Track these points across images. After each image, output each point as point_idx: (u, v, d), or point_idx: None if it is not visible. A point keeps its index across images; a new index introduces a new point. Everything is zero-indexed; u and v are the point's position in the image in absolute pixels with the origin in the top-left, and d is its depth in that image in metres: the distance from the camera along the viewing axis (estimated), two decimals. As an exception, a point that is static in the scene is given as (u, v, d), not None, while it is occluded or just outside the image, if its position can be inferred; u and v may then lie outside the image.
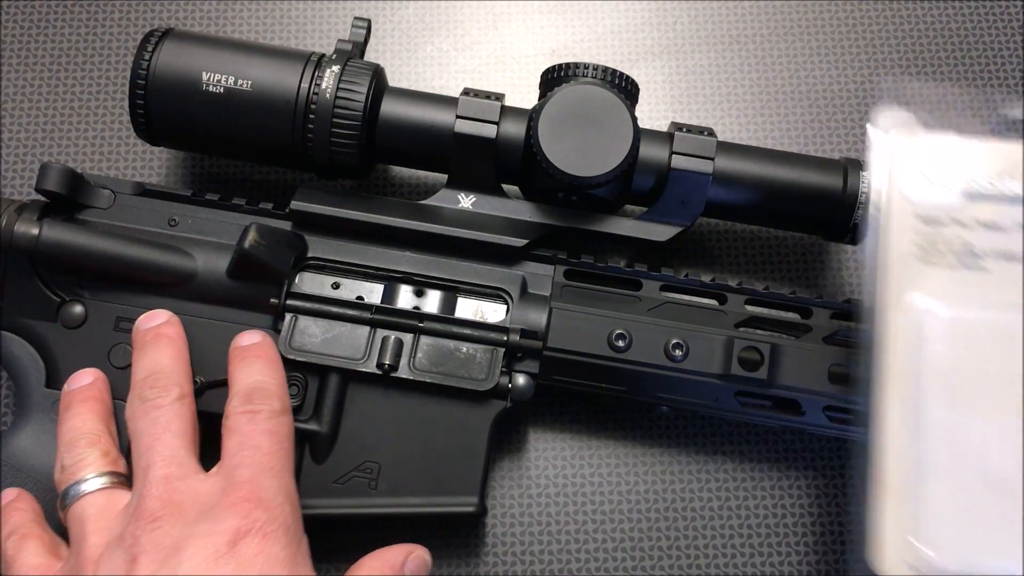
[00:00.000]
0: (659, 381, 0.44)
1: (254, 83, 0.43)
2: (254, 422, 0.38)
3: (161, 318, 0.43)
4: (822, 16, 0.57)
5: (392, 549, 0.42)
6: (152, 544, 0.34)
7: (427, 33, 0.56)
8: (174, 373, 0.40)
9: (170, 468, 0.37)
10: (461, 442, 0.43)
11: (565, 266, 0.46)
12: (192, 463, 0.38)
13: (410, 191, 0.53)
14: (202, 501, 0.36)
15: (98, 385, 0.42)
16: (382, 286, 0.45)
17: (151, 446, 0.38)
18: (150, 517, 0.35)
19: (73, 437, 0.40)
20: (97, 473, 0.39)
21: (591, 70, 0.44)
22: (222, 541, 0.34)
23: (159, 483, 0.36)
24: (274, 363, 0.41)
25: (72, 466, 0.39)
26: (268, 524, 0.35)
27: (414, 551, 0.42)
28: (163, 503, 0.36)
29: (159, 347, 0.41)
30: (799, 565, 0.47)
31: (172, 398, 0.39)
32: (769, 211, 0.46)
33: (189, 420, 0.39)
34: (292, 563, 0.36)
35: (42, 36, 0.55)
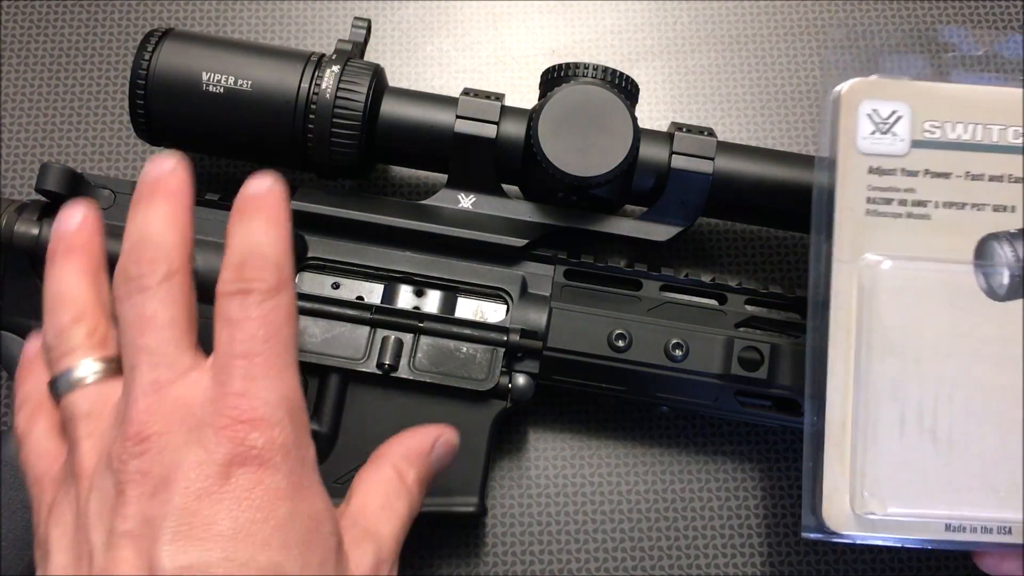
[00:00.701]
0: (659, 381, 0.44)
1: (254, 83, 0.43)
2: (245, 307, 0.32)
3: (166, 164, 0.35)
4: (822, 16, 0.57)
5: (417, 432, 0.38)
6: (139, 472, 0.31)
7: (427, 33, 0.56)
8: (164, 242, 0.34)
9: (158, 371, 0.32)
10: (461, 442, 0.43)
11: (565, 266, 0.46)
12: (184, 358, 0.33)
13: (410, 191, 0.53)
14: (192, 413, 0.32)
15: (87, 230, 0.36)
16: (382, 286, 0.45)
17: (135, 341, 0.33)
18: (136, 436, 0.31)
19: (56, 304, 0.35)
20: (89, 360, 0.34)
21: (591, 70, 0.44)
22: (214, 473, 0.31)
23: (146, 391, 0.32)
24: (277, 220, 0.34)
25: (57, 347, 0.35)
26: (265, 449, 0.31)
27: (442, 434, 0.39)
28: (149, 419, 0.31)
29: (152, 207, 0.34)
30: (799, 565, 0.47)
31: (159, 277, 0.33)
32: (769, 211, 0.46)
33: (181, 303, 0.33)
34: (295, 491, 0.32)
35: (42, 36, 0.55)
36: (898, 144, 0.41)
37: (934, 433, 0.39)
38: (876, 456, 0.39)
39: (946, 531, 0.39)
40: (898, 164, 0.40)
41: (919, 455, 0.39)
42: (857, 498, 0.39)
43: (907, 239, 0.40)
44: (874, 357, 0.40)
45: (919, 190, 0.40)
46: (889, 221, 0.40)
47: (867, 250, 0.40)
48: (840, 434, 0.39)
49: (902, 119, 0.41)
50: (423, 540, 0.47)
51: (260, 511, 0.31)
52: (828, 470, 0.39)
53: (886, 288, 0.40)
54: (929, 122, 0.41)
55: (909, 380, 0.39)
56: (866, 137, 0.40)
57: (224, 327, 0.33)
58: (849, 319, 0.40)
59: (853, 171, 0.40)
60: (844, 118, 0.41)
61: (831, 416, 0.39)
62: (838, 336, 0.40)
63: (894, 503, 0.39)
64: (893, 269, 0.40)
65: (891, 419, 0.39)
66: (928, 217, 0.40)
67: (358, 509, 0.36)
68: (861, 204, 0.40)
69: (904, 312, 0.40)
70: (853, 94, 0.41)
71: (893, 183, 0.40)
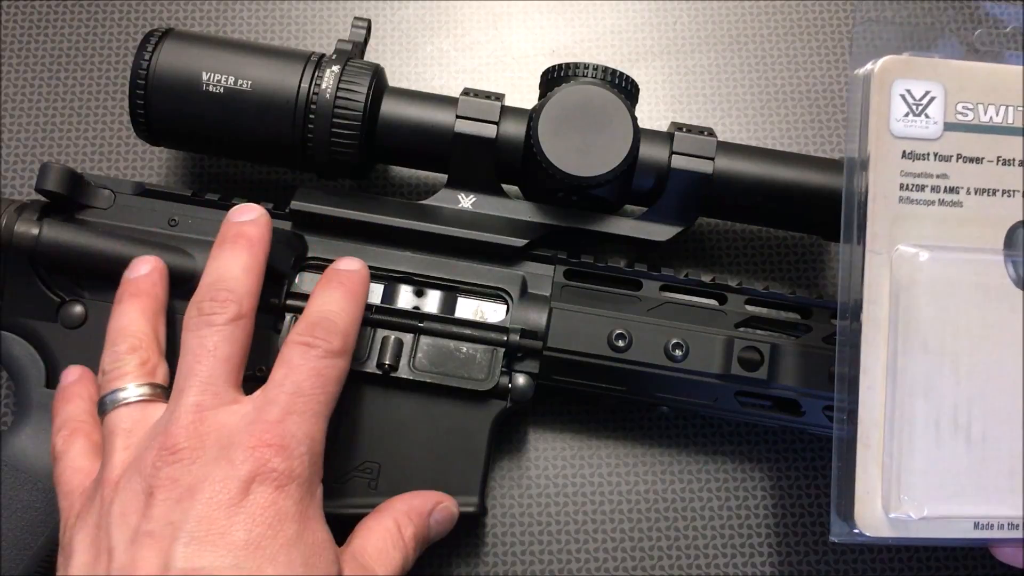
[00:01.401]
0: (659, 381, 0.44)
1: (254, 83, 0.43)
2: (305, 356, 0.37)
3: (251, 214, 0.40)
4: (822, 16, 0.57)
5: (420, 495, 0.42)
6: (170, 479, 0.34)
7: (427, 33, 0.56)
8: (239, 287, 0.38)
9: (204, 396, 0.36)
10: (461, 442, 0.43)
11: (565, 266, 0.46)
12: (229, 392, 0.37)
13: (410, 191, 0.53)
14: (227, 435, 0.35)
15: (153, 277, 0.41)
16: (382, 286, 0.45)
17: (192, 367, 0.37)
18: (172, 448, 0.35)
19: (115, 337, 0.39)
20: (135, 384, 0.38)
21: (591, 70, 0.44)
22: (235, 487, 0.34)
23: (189, 411, 0.36)
24: (355, 297, 0.40)
25: (111, 372, 0.38)
26: (284, 475, 0.35)
27: (443, 501, 0.42)
28: (188, 435, 0.35)
29: (236, 251, 0.39)
30: (799, 565, 0.47)
31: (227, 317, 0.37)
32: (769, 211, 0.46)
33: (239, 344, 0.38)
34: (301, 517, 0.35)
35: (42, 36, 0.55)
36: (931, 127, 0.39)
37: (968, 432, 0.38)
38: (912, 458, 0.38)
39: (974, 529, 0.38)
40: (931, 148, 0.39)
41: (952, 455, 0.38)
42: (892, 501, 0.37)
43: (939, 228, 0.38)
44: (909, 354, 0.38)
45: (952, 176, 0.39)
46: (922, 209, 0.38)
47: (901, 241, 0.38)
48: (874, 435, 0.38)
49: (935, 100, 0.39)
50: (423, 540, 0.47)
51: (271, 528, 0.34)
52: (861, 473, 0.37)
53: (923, 280, 0.38)
54: (962, 103, 0.39)
55: (943, 377, 0.38)
56: (899, 119, 0.39)
57: (281, 367, 0.37)
58: (883, 314, 0.38)
59: (886, 156, 0.38)
60: (876, 99, 0.38)
61: (864, 417, 0.38)
62: (871, 333, 0.38)
63: (929, 505, 0.38)
64: (931, 260, 0.38)
65: (926, 419, 0.38)
66: (960, 204, 0.39)
67: (358, 549, 0.39)
68: (894, 191, 0.38)
69: (937, 305, 0.38)
70: (886, 72, 0.39)
71: (926, 168, 0.38)
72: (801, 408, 0.45)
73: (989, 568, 0.47)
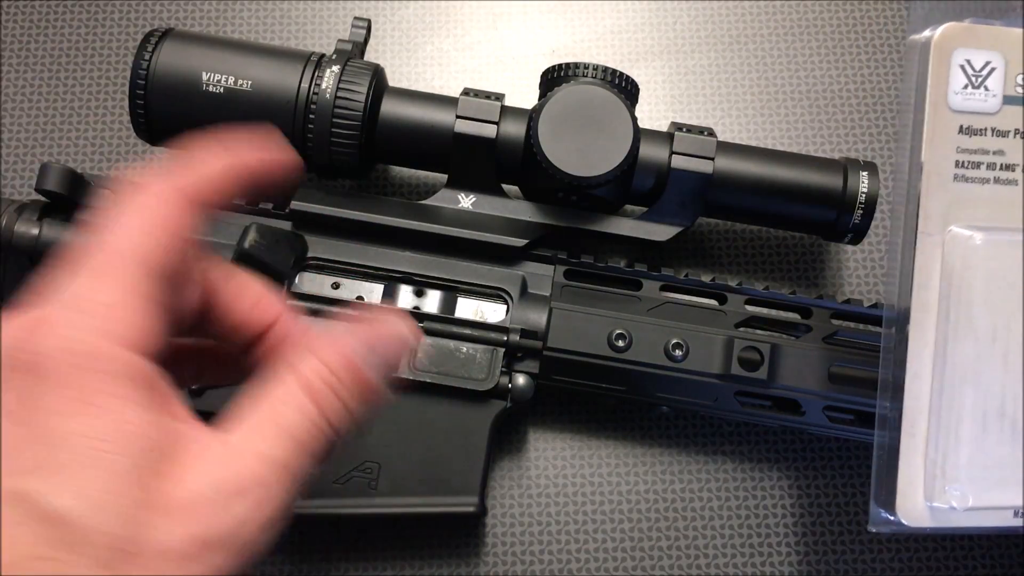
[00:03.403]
0: (659, 381, 0.44)
1: (254, 83, 0.43)
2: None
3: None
4: (822, 16, 0.57)
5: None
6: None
7: (427, 33, 0.56)
8: None
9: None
10: (461, 442, 0.43)
11: (565, 266, 0.46)
12: None
13: (410, 191, 0.53)
14: None
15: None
16: (382, 286, 0.45)
17: None
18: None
19: None
20: None
21: (591, 70, 0.44)
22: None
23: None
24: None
25: None
26: None
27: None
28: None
29: None
30: (799, 565, 0.47)
31: None
32: (769, 211, 0.46)
33: None
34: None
35: (42, 36, 0.55)
36: (990, 100, 0.37)
37: (1015, 422, 0.36)
38: (958, 447, 0.36)
39: (1014, 517, 0.37)
40: (989, 123, 0.36)
41: (998, 445, 0.36)
42: (937, 491, 0.36)
43: (992, 208, 0.36)
44: (959, 340, 0.36)
45: (1008, 152, 0.36)
46: (977, 188, 0.36)
47: (954, 222, 0.36)
48: (919, 424, 0.36)
49: (995, 71, 0.36)
50: (423, 540, 0.47)
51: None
52: (904, 462, 0.36)
53: (976, 264, 0.36)
54: (1022, 75, 0.37)
55: (992, 365, 0.36)
56: (958, 92, 0.36)
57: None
58: (933, 299, 0.36)
59: (943, 131, 0.36)
60: (935, 69, 0.36)
61: (910, 405, 0.36)
62: (920, 318, 0.36)
63: (974, 495, 0.36)
64: (985, 243, 0.36)
65: (974, 408, 0.36)
66: (1016, 183, 0.37)
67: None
68: (949, 169, 0.36)
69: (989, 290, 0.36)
70: (946, 40, 0.36)
71: (983, 144, 0.36)
72: (801, 408, 0.45)
73: (988, 569, 0.47)
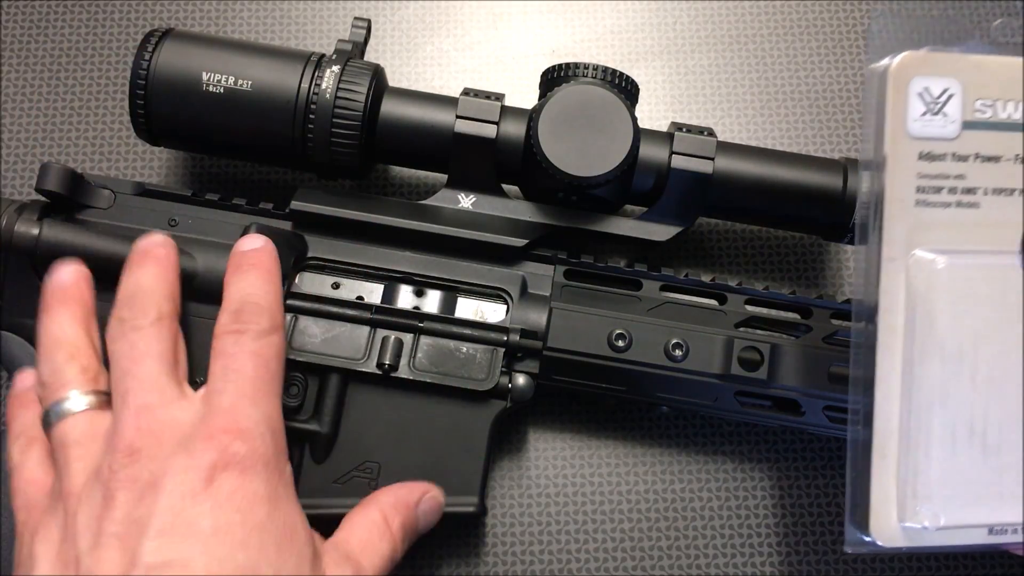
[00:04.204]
0: (659, 381, 0.44)
1: (254, 83, 0.43)
2: (239, 343, 0.36)
3: (154, 239, 0.40)
4: (822, 16, 0.57)
5: (406, 486, 0.41)
6: (129, 479, 0.33)
7: (427, 33, 0.56)
8: (154, 293, 0.38)
9: (149, 396, 0.35)
10: (461, 442, 0.43)
11: (565, 266, 0.46)
12: (172, 389, 0.36)
13: (410, 191, 0.53)
14: (181, 431, 0.35)
15: (80, 285, 0.40)
16: (382, 286, 0.45)
17: (128, 370, 0.36)
18: (127, 449, 0.34)
19: (51, 346, 0.38)
20: (79, 392, 0.37)
21: (591, 70, 0.44)
22: (199, 477, 0.33)
23: (136, 412, 0.35)
24: (270, 274, 0.39)
25: (52, 383, 0.37)
26: (247, 458, 0.34)
27: (430, 491, 0.41)
28: (140, 434, 0.34)
29: (144, 267, 0.39)
30: (799, 565, 0.47)
31: (150, 320, 0.37)
32: (769, 211, 0.46)
33: (169, 342, 0.37)
34: (273, 498, 0.34)
35: (42, 36, 0.55)
36: (949, 126, 0.37)
37: (984, 439, 0.37)
38: (928, 467, 0.37)
39: (989, 535, 0.37)
40: (949, 148, 0.37)
41: (969, 463, 0.37)
42: (908, 511, 0.36)
43: (955, 231, 0.37)
44: (926, 362, 0.37)
45: (969, 176, 0.37)
46: (939, 212, 0.37)
47: (917, 246, 0.37)
48: (889, 445, 0.37)
49: (953, 98, 0.37)
50: (423, 540, 0.47)
51: (239, 513, 0.33)
52: (877, 483, 0.36)
53: (940, 287, 0.37)
54: (980, 100, 0.37)
55: (960, 384, 0.37)
56: (917, 119, 0.37)
57: (219, 359, 0.36)
58: (899, 322, 0.37)
59: (903, 158, 0.37)
60: (893, 97, 0.37)
61: (880, 426, 0.36)
62: (887, 340, 0.37)
63: (946, 514, 0.37)
64: (948, 267, 0.37)
65: (943, 428, 0.37)
66: (977, 206, 0.37)
67: (342, 539, 0.38)
68: (911, 195, 0.37)
69: (954, 311, 0.37)
70: (904, 69, 0.37)
71: (943, 169, 0.37)
72: (801, 408, 0.45)
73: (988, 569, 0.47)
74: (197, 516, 0.33)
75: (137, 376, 0.36)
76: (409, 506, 0.40)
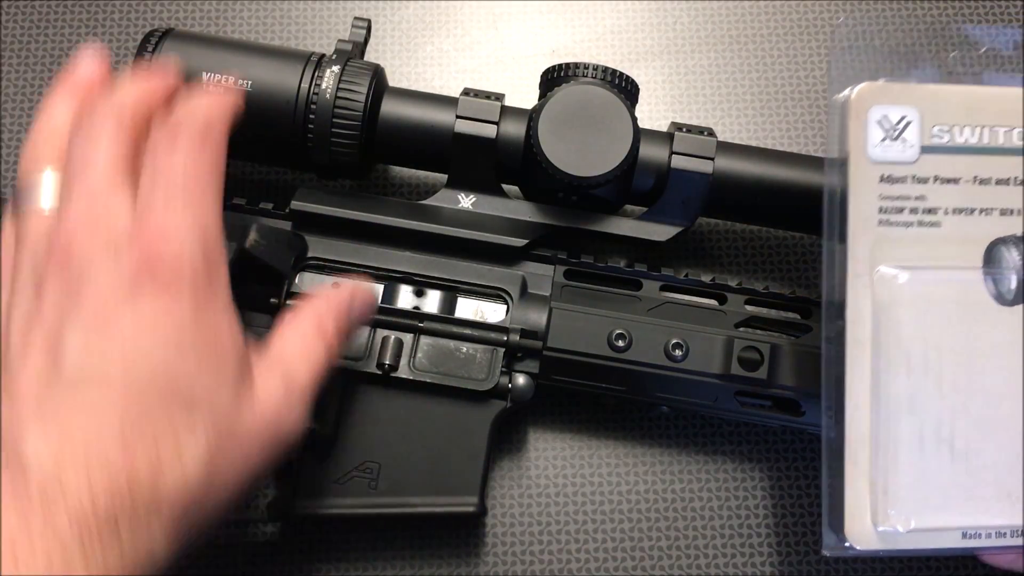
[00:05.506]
0: (659, 381, 0.44)
1: (254, 83, 0.43)
2: (173, 148, 0.34)
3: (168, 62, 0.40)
4: (822, 16, 0.57)
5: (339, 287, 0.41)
6: (58, 273, 0.33)
7: (427, 33, 0.56)
8: (135, 104, 0.36)
9: (92, 196, 0.34)
10: (461, 442, 0.43)
11: (565, 266, 0.46)
12: (117, 192, 0.34)
13: (410, 191, 0.53)
14: (115, 235, 0.33)
15: (93, 81, 0.38)
16: (382, 286, 0.45)
17: (78, 163, 0.34)
18: (62, 247, 0.33)
19: (41, 128, 0.37)
20: (48, 171, 0.36)
21: (591, 70, 0.44)
22: (122, 284, 0.32)
23: (78, 211, 0.33)
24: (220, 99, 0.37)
25: (28, 169, 0.36)
26: (172, 272, 0.33)
27: (359, 286, 0.40)
28: (76, 231, 0.33)
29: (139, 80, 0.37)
30: (799, 565, 0.47)
31: (112, 123, 0.35)
32: (769, 211, 0.46)
33: (127, 145, 0.35)
34: (198, 311, 0.33)
35: (42, 36, 0.55)
36: (908, 151, 0.40)
37: (951, 445, 0.39)
38: (897, 472, 0.39)
39: (962, 539, 0.39)
40: (909, 171, 0.40)
41: (938, 468, 0.39)
42: (880, 515, 0.38)
43: (919, 249, 0.39)
44: (892, 372, 0.39)
45: (929, 197, 0.40)
46: (901, 231, 0.39)
47: (881, 263, 0.39)
48: (861, 452, 0.39)
49: (911, 124, 0.40)
50: (423, 540, 0.47)
51: (161, 320, 0.32)
52: (850, 488, 0.38)
53: (903, 301, 0.39)
54: (937, 126, 0.40)
55: (926, 393, 0.39)
56: (876, 145, 0.39)
57: (150, 162, 0.35)
58: (865, 335, 0.39)
59: (865, 181, 0.39)
60: (854, 126, 0.40)
61: (851, 435, 0.39)
62: (855, 352, 0.39)
63: (916, 518, 0.39)
64: (910, 282, 0.39)
65: (910, 434, 0.39)
66: (938, 225, 0.40)
67: (276, 350, 0.37)
68: (873, 215, 0.39)
69: (919, 324, 0.39)
70: (861, 100, 0.40)
71: (904, 191, 0.39)
72: (801, 408, 0.45)
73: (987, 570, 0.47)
74: (119, 320, 0.32)
75: (85, 172, 0.34)
76: (342, 306, 0.39)
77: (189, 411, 0.32)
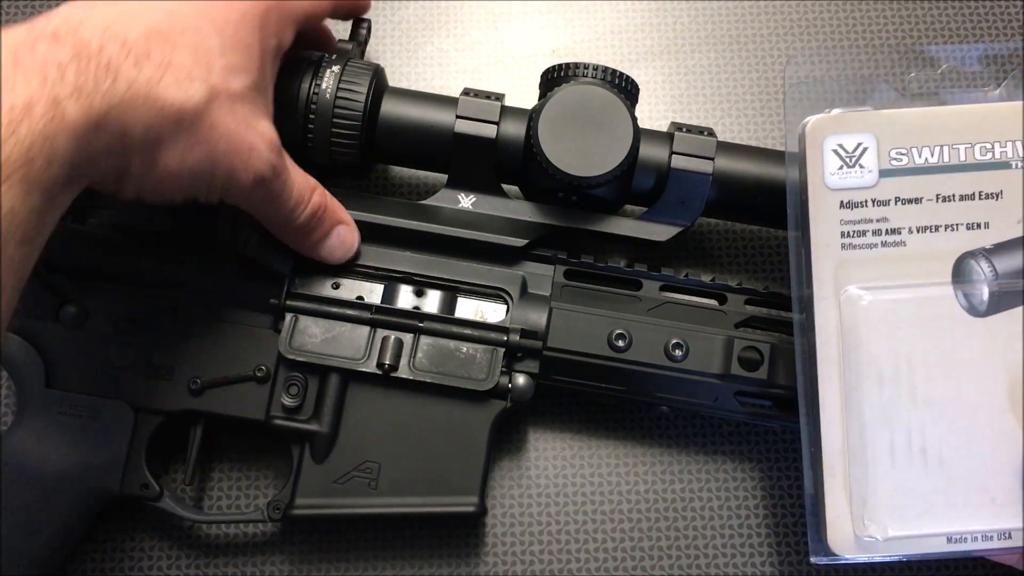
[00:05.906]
0: (659, 381, 0.44)
1: (254, 83, 0.43)
2: None
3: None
4: (822, 16, 0.57)
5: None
6: None
7: (427, 33, 0.56)
8: None
9: None
10: (461, 442, 0.43)
11: (565, 266, 0.46)
12: None
13: (410, 191, 0.53)
14: None
15: None
16: (382, 286, 0.45)
17: None
18: None
19: None
20: None
21: (591, 70, 0.44)
22: None
23: None
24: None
25: None
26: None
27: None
28: None
29: None
30: (799, 565, 0.47)
31: None
32: (769, 211, 0.46)
33: None
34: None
35: (42, 36, 0.55)
36: (866, 176, 0.41)
37: (924, 454, 0.40)
38: (872, 483, 0.40)
39: (948, 544, 0.40)
40: (868, 195, 0.41)
41: (915, 477, 0.40)
42: (858, 524, 0.40)
43: (885, 268, 0.41)
44: (863, 388, 0.40)
45: (892, 218, 0.41)
46: (865, 253, 0.41)
47: (847, 284, 0.41)
48: (838, 464, 0.40)
49: (868, 150, 0.41)
50: (423, 540, 0.47)
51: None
52: (829, 498, 0.40)
53: (868, 321, 0.40)
54: (895, 149, 0.41)
55: (899, 406, 0.40)
56: (834, 173, 0.41)
57: None
58: (836, 354, 0.40)
59: (824, 207, 0.41)
60: (811, 155, 0.41)
61: (828, 448, 0.40)
62: (827, 371, 0.40)
63: (894, 526, 0.40)
64: (873, 302, 0.40)
65: (882, 446, 0.40)
66: (904, 244, 0.41)
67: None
68: (836, 239, 0.41)
69: (889, 341, 0.40)
70: (816, 132, 0.41)
71: (865, 215, 0.41)
72: (801, 408, 0.45)
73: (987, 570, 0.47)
74: None
75: None
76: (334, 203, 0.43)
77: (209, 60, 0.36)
